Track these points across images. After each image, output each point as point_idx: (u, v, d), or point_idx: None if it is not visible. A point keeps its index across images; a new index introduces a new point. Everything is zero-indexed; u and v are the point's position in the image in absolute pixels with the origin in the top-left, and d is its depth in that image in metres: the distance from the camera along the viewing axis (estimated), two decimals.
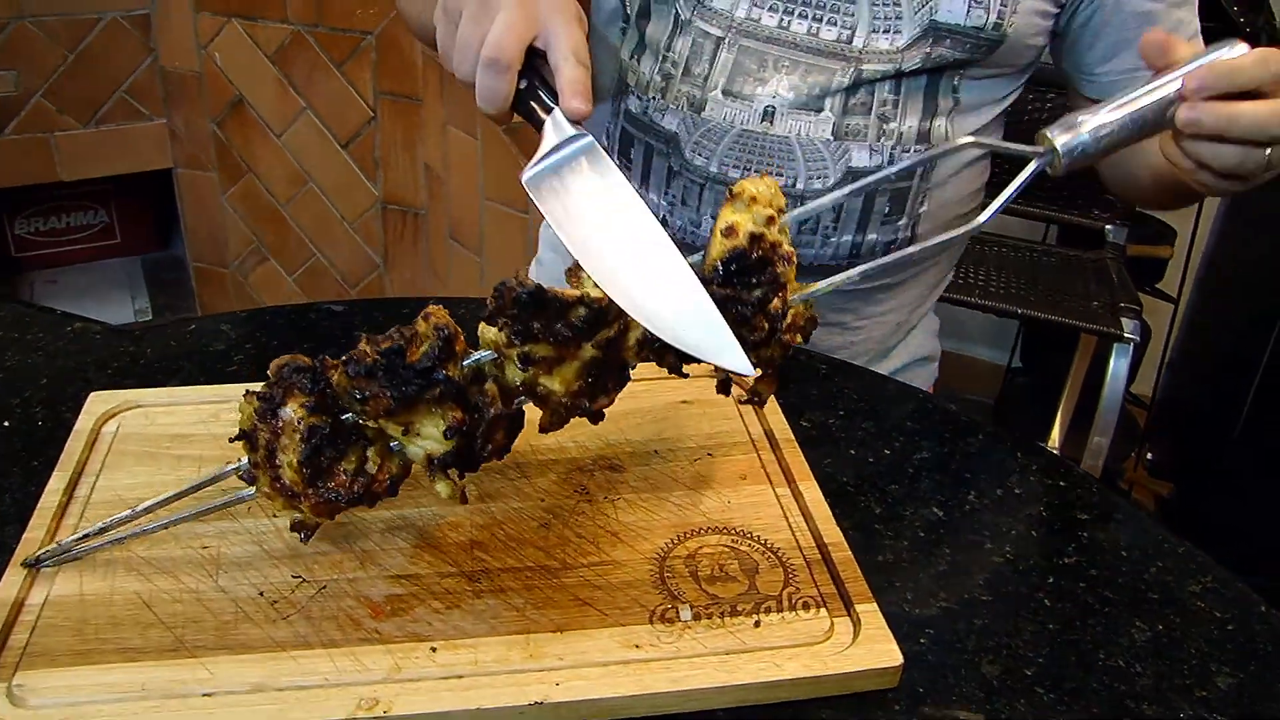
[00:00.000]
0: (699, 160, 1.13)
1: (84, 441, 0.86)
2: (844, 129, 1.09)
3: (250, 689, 0.65)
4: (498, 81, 0.80)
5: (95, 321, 1.07)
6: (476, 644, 0.69)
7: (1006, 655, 0.74)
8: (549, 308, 0.71)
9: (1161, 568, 0.84)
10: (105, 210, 3.27)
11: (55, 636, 0.69)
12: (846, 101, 1.08)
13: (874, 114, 1.09)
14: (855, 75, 1.07)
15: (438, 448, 0.72)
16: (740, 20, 1.09)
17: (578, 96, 0.79)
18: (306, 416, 0.71)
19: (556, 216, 0.77)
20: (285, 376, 0.71)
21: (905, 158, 1.10)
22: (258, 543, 0.77)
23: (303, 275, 3.07)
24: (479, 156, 2.49)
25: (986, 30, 1.06)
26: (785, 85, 1.09)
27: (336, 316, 1.09)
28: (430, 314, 0.72)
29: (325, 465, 0.72)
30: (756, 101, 1.10)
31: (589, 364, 0.74)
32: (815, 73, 1.08)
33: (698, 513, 0.82)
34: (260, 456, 0.72)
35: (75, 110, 2.81)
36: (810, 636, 0.71)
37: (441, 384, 0.70)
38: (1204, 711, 0.71)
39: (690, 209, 1.16)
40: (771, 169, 1.10)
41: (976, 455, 0.95)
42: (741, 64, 1.10)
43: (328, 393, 0.72)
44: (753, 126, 1.10)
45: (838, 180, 1.10)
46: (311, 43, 2.72)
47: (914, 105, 1.10)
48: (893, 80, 1.08)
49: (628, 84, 1.17)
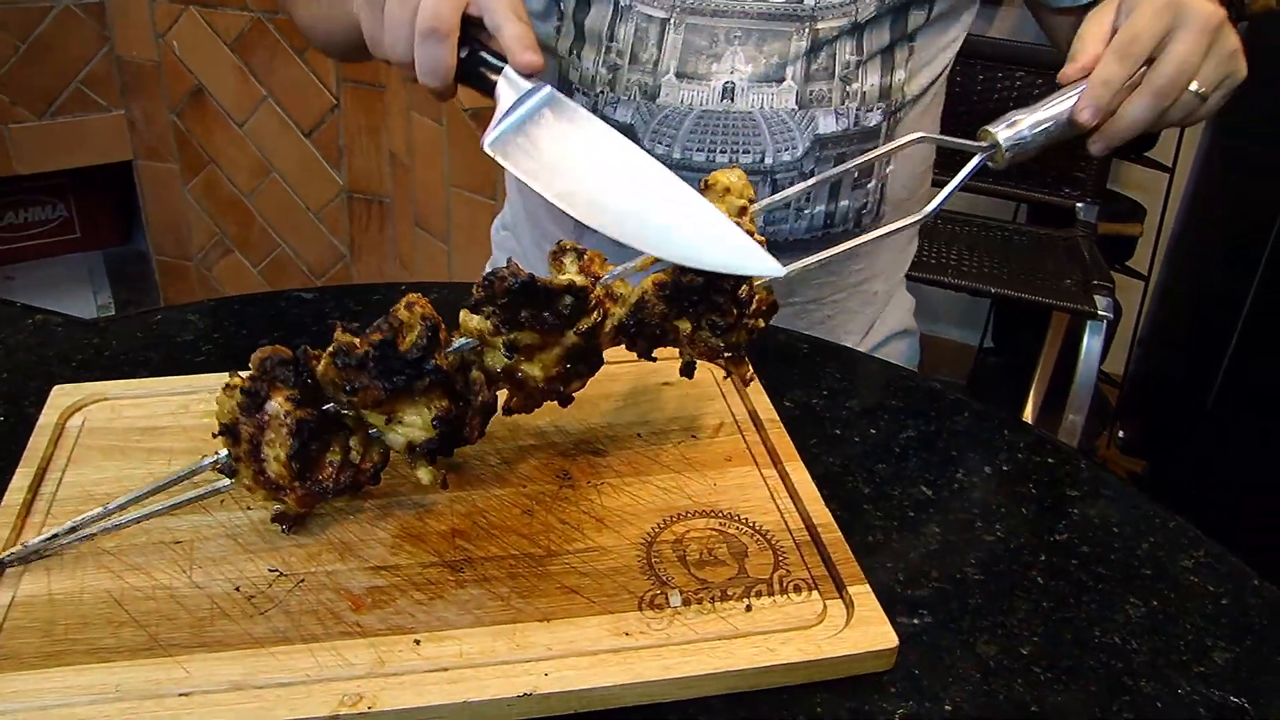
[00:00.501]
0: (659, 149, 1.09)
1: (49, 437, 0.83)
2: (808, 96, 1.06)
3: (229, 687, 0.63)
4: (439, 50, 0.78)
5: (56, 314, 1.04)
6: (461, 635, 0.67)
7: (1001, 634, 0.73)
8: (538, 296, 0.71)
9: (1153, 543, 0.83)
10: (64, 204, 3.21)
11: (23, 638, 0.66)
12: (808, 68, 1.06)
13: (836, 77, 1.06)
14: (812, 37, 1.04)
15: (420, 435, 0.72)
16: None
17: (527, 50, 0.78)
18: (293, 410, 0.70)
19: (532, 173, 0.75)
20: (268, 370, 0.70)
21: (870, 118, 1.08)
22: (232, 536, 0.74)
23: (268, 267, 3.03)
24: (444, 142, 2.46)
25: None
26: (741, 59, 1.05)
27: (306, 304, 1.07)
28: (414, 303, 0.71)
29: (312, 457, 0.71)
30: (714, 79, 1.06)
31: (569, 350, 0.74)
32: (771, 39, 1.05)
33: (684, 496, 0.80)
34: (243, 450, 0.71)
35: (29, 102, 2.76)
36: (803, 620, 0.70)
37: (431, 374, 0.70)
38: (1201, 687, 0.70)
39: None
40: (737, 147, 1.07)
41: (963, 433, 0.94)
42: (692, 43, 1.06)
43: (310, 383, 0.70)
44: (712, 106, 1.07)
45: (806, 150, 1.07)
46: (272, 30, 2.68)
47: (874, 63, 1.07)
48: (851, 36, 1.05)
49: (570, 81, 1.13)
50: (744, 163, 1.07)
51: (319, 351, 0.71)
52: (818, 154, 1.08)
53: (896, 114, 1.11)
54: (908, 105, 1.12)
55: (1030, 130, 0.84)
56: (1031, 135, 0.84)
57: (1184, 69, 0.84)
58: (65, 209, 3.22)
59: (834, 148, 1.08)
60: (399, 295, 1.08)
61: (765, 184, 1.08)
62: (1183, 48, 0.84)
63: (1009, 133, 0.84)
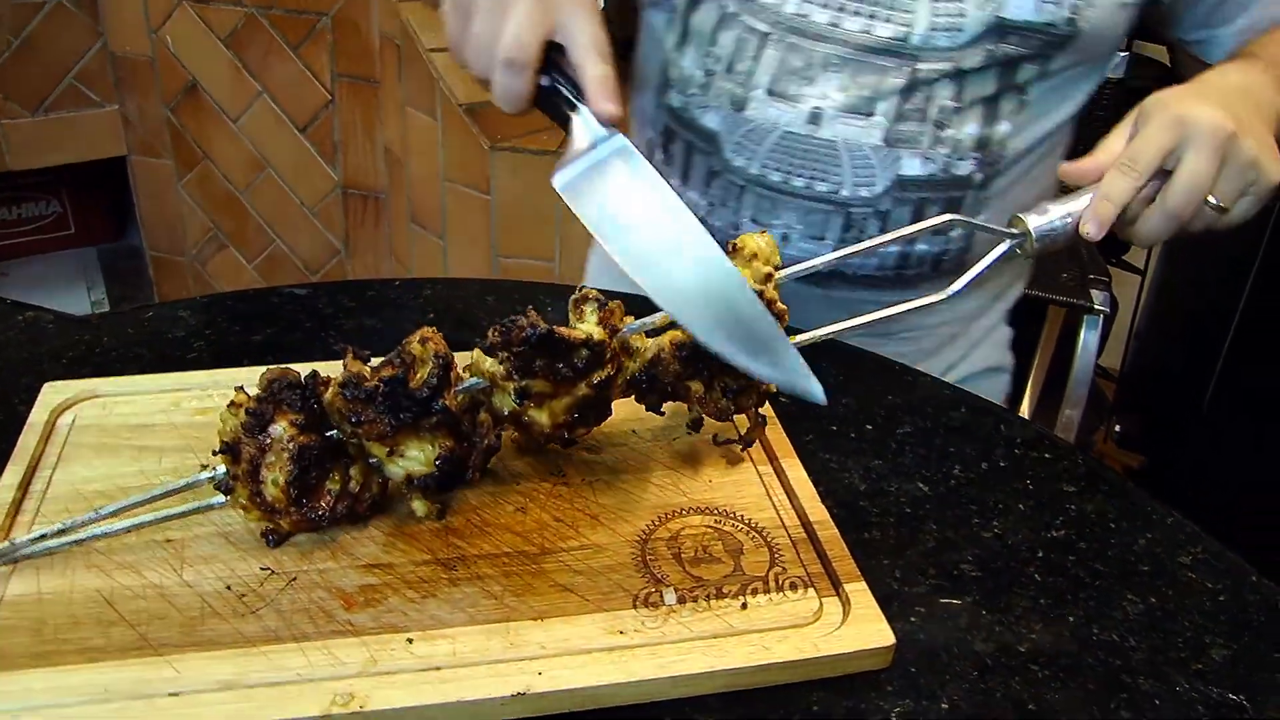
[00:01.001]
0: (739, 161, 1.07)
1: (39, 434, 0.82)
2: (896, 135, 1.03)
3: (219, 687, 0.62)
4: (517, 81, 0.77)
5: (48, 310, 1.03)
6: (454, 634, 0.67)
7: (999, 632, 0.73)
8: (555, 348, 0.71)
9: (1151, 539, 0.82)
10: (58, 200, 3.20)
11: (11, 638, 0.65)
12: (901, 106, 1.02)
13: (930, 120, 1.02)
14: (911, 76, 1.01)
15: (420, 469, 0.72)
16: (789, 16, 1.02)
17: (608, 98, 0.76)
18: (297, 435, 0.70)
19: (594, 222, 0.74)
20: (275, 392, 0.70)
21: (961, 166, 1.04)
22: (223, 535, 0.74)
23: (263, 263, 3.02)
24: (439, 138, 2.45)
25: (1059, 26, 0.99)
26: (834, 86, 1.02)
27: (300, 300, 1.06)
28: (428, 338, 0.72)
29: (311, 484, 0.71)
30: (802, 102, 1.03)
31: (579, 401, 0.75)
32: (867, 73, 1.01)
33: (679, 493, 0.80)
34: (243, 470, 0.70)
35: (22, 97, 2.74)
36: (799, 618, 0.69)
37: (439, 414, 0.71)
38: (1200, 684, 0.70)
39: (730, 210, 1.10)
40: (815, 173, 1.04)
41: (960, 429, 0.93)
42: (787, 62, 1.03)
43: (316, 409, 0.71)
44: (797, 129, 1.04)
45: (885, 189, 1.04)
46: (266, 25, 2.67)
47: (974, 110, 1.03)
48: (952, 80, 1.01)
49: (669, 78, 1.11)
50: (819, 190, 1.05)
51: (328, 378, 0.71)
52: (897, 194, 1.05)
53: (994, 165, 1.06)
54: (1011, 161, 1.07)
55: (1061, 221, 0.84)
56: (1062, 225, 0.84)
57: (1195, 187, 0.83)
58: (59, 205, 3.21)
59: (916, 191, 1.05)
60: (393, 291, 1.08)
61: (839, 216, 1.06)
62: (1192, 166, 0.83)
63: (1040, 221, 0.84)
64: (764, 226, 1.08)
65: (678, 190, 1.12)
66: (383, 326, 1.02)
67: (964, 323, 1.21)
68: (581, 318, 0.74)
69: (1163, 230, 0.86)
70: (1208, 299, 2.33)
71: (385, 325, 1.02)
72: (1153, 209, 0.85)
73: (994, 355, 1.27)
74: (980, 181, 1.06)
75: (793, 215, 1.08)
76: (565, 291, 1.01)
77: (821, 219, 1.07)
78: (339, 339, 0.99)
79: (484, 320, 1.02)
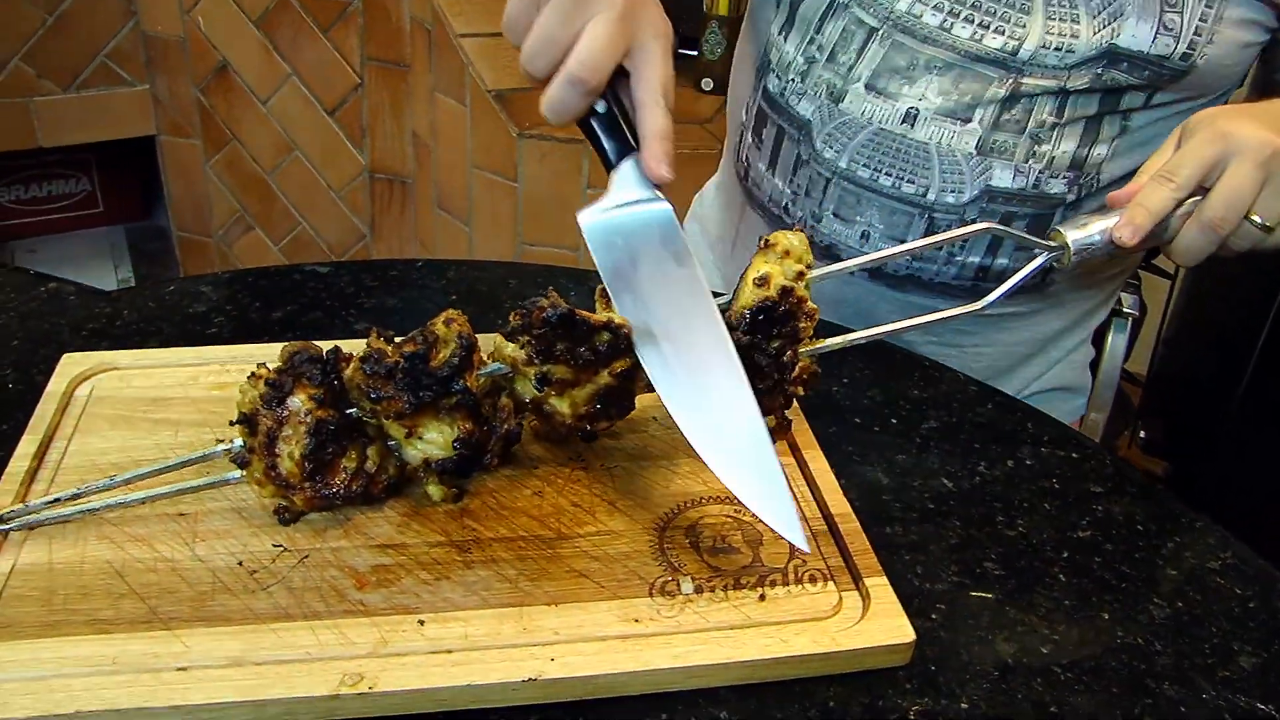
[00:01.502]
0: (829, 153, 1.06)
1: (56, 404, 0.82)
2: (990, 144, 1.01)
3: (227, 663, 0.62)
4: (576, 99, 0.73)
5: (70, 282, 1.02)
6: (467, 617, 0.66)
7: (1021, 632, 0.71)
8: (576, 330, 0.69)
9: (1179, 543, 0.81)
10: (87, 178, 3.21)
11: (21, 607, 0.65)
12: (999, 116, 1.00)
13: (1027, 133, 1.00)
14: (1013, 88, 0.99)
15: (438, 453, 0.72)
16: (900, 13, 1.00)
17: (663, 160, 0.74)
18: (315, 409, 0.69)
19: (610, 273, 0.73)
20: (295, 365, 0.70)
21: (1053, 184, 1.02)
22: (237, 510, 0.73)
23: (288, 245, 3.02)
24: (467, 124, 2.44)
25: (1172, 60, 0.96)
26: (934, 89, 1.00)
27: (321, 278, 1.05)
28: (453, 319, 0.71)
29: (327, 460, 0.71)
30: (900, 101, 1.02)
31: (601, 390, 0.73)
32: (969, 79, 0.99)
33: (698, 481, 0.79)
34: (259, 442, 0.70)
35: (55, 75, 2.75)
36: (818, 611, 0.68)
37: (459, 394, 0.70)
38: (1227, 692, 0.68)
39: (813, 201, 1.08)
40: (904, 174, 1.03)
41: (986, 425, 0.92)
42: (891, 59, 1.01)
43: (336, 385, 0.70)
44: (891, 127, 1.02)
45: (973, 197, 1.02)
46: (297, 7, 2.67)
47: (1074, 129, 1.01)
48: (1055, 98, 0.99)
49: (769, 60, 1.10)
50: (906, 191, 1.03)
51: (350, 354, 0.71)
52: (984, 205, 1.03)
53: (1088, 187, 1.04)
54: (1105, 185, 1.04)
55: (1101, 236, 0.84)
56: (1101, 240, 0.84)
57: (1235, 201, 0.82)
58: (88, 183, 3.22)
59: (1005, 203, 1.03)
60: (415, 272, 1.07)
61: (922, 219, 1.04)
62: (1234, 180, 0.81)
63: (1079, 235, 0.84)
64: (846, 221, 1.06)
65: (764, 176, 1.11)
66: (404, 307, 1.01)
67: (1043, 343, 1.18)
68: (607, 308, 0.73)
69: (1202, 245, 0.84)
70: (1237, 306, 2.31)
71: (407, 305, 1.01)
72: (1190, 223, 0.84)
73: (1069, 375, 1.24)
74: (1071, 201, 1.04)
75: (875, 213, 1.06)
76: (588, 277, 1.01)
77: (905, 220, 1.05)
78: (360, 318, 0.99)
79: (506, 303, 1.01)
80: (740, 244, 1.22)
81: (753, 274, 0.74)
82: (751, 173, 1.16)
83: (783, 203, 1.11)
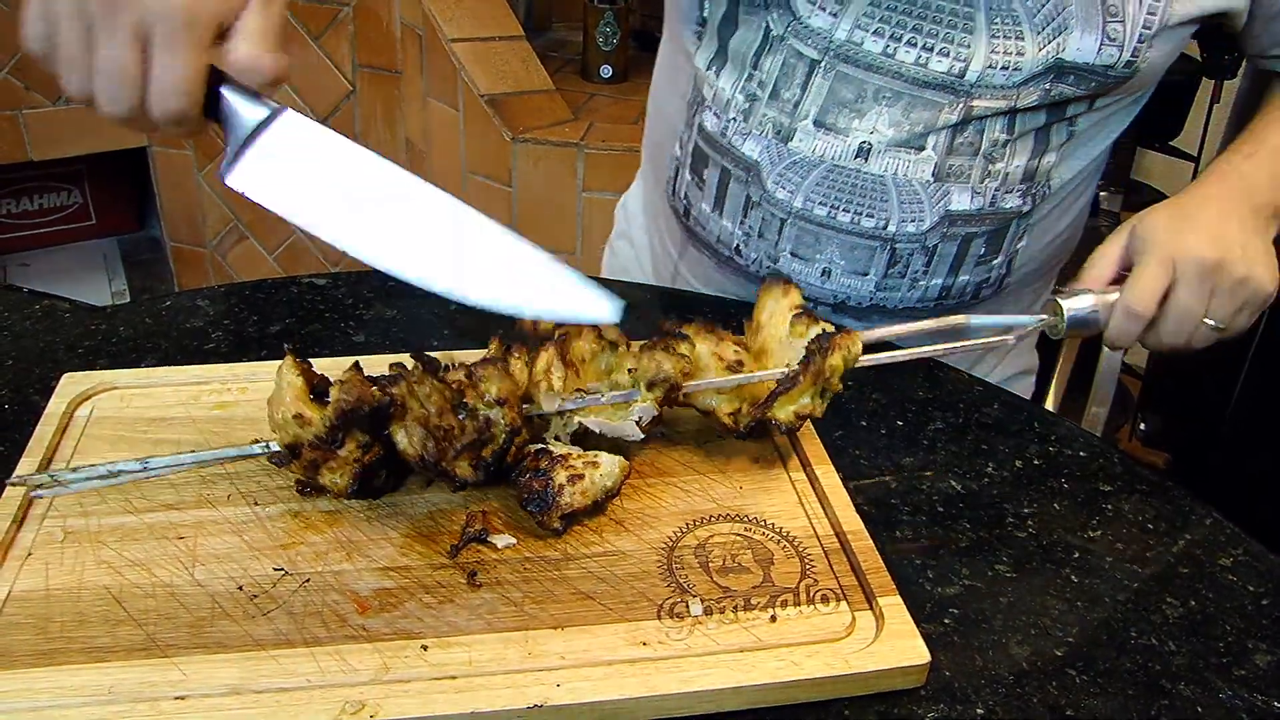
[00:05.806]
0: (782, 194, 1.02)
1: (56, 425, 0.81)
2: (946, 170, 0.99)
3: (226, 691, 0.60)
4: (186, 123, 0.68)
5: (64, 299, 1.01)
6: (471, 642, 0.64)
7: (1035, 635, 0.70)
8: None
9: (1190, 540, 0.80)
10: (79, 190, 3.20)
11: (17, 635, 0.64)
12: (952, 141, 0.98)
13: (981, 153, 0.99)
14: (965, 112, 0.96)
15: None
16: (840, 42, 0.96)
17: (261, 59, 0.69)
18: (363, 456, 0.71)
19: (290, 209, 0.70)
20: (348, 419, 0.70)
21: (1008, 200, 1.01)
22: (237, 533, 0.72)
23: (283, 253, 3.01)
24: (460, 129, 2.44)
25: (1117, 69, 0.95)
26: (885, 120, 0.98)
27: (319, 290, 1.04)
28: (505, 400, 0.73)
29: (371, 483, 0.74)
30: (851, 136, 0.99)
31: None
32: (920, 107, 0.97)
33: (708, 499, 0.77)
34: (299, 466, 0.72)
35: (44, 87, 2.74)
36: (830, 632, 0.67)
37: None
38: (1244, 691, 0.68)
39: (768, 242, 1.05)
40: (861, 209, 1.00)
41: (992, 426, 0.91)
42: (837, 92, 0.98)
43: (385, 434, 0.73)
44: (845, 162, 1.00)
45: (933, 224, 1.00)
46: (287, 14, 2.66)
47: (1025, 142, 0.99)
48: (1005, 117, 0.98)
49: (703, 96, 1.07)
50: (866, 226, 1.01)
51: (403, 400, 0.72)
52: (945, 230, 1.01)
53: (1040, 196, 1.03)
54: (1055, 190, 1.04)
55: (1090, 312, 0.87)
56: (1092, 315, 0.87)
57: (1185, 319, 0.88)
58: (80, 195, 3.21)
59: (964, 225, 1.01)
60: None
61: (884, 250, 1.02)
62: (1183, 302, 0.87)
63: (1071, 304, 0.87)
64: (805, 260, 1.04)
65: (709, 217, 1.09)
66: (403, 318, 1.00)
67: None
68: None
69: (1167, 347, 0.90)
70: None
71: (405, 316, 1.00)
72: (1153, 335, 0.89)
73: (1024, 359, 1.24)
74: (1026, 211, 1.03)
75: (835, 250, 1.03)
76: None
77: (866, 254, 1.03)
78: (359, 330, 0.98)
79: None
80: (683, 282, 1.19)
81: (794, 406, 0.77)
82: (694, 212, 1.12)
83: (733, 244, 1.08)
